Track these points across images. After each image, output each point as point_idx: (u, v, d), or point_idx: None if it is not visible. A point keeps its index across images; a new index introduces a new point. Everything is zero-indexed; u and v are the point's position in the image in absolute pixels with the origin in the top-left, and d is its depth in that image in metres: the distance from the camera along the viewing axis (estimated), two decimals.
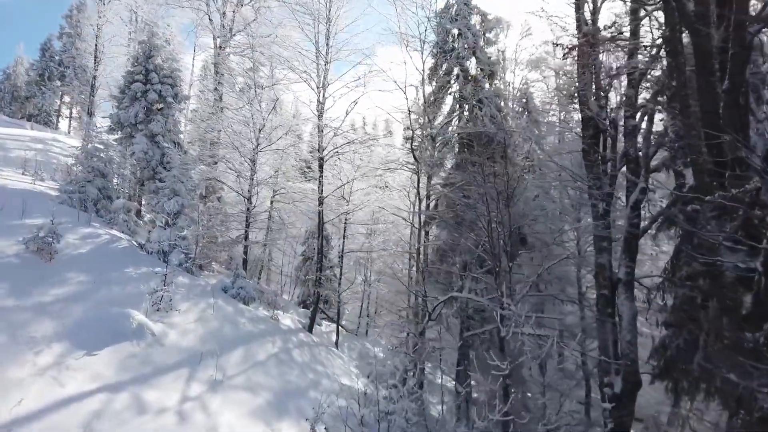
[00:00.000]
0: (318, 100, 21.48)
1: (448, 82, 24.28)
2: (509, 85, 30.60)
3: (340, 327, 24.97)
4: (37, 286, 11.93)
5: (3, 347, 9.10)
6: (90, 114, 33.77)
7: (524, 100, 29.86)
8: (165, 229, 17.77)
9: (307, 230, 27.42)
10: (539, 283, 14.68)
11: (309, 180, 26.43)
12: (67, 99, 67.28)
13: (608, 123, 16.58)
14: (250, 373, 13.15)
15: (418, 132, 22.50)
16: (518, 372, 14.67)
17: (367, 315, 27.22)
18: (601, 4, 17.62)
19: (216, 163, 26.00)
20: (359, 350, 23.16)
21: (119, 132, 23.83)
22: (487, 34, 24.80)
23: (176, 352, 11.66)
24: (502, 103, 24.87)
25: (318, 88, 21.44)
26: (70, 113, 67.65)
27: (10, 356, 8.95)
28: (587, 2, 18.09)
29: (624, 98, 16.67)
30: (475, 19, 25.10)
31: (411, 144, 20.83)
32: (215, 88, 26.69)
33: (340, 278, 23.51)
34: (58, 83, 65.51)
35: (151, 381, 10.38)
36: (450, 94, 24.45)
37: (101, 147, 20.55)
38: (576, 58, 17.52)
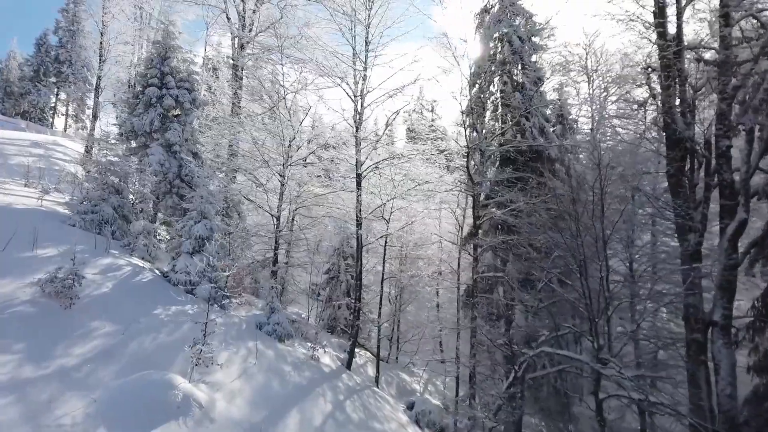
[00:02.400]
0: (355, 110, 19.42)
1: (491, 90, 22.27)
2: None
3: (369, 352, 23.03)
4: (58, 342, 9.92)
5: None
6: (95, 117, 31.54)
7: (558, 107, 27.94)
8: (192, 256, 15.74)
9: (333, 247, 25.39)
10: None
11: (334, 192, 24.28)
12: (63, 96, 64.82)
13: (702, 143, 14.70)
14: None
15: (462, 143, 20.47)
16: None
17: (397, 339, 25.24)
18: (686, 5, 15.73)
19: (235, 176, 23.92)
20: (396, 384, 21.24)
21: (132, 141, 21.69)
22: (534, 38, 22.78)
23: (229, 428, 9.65)
24: (548, 112, 22.86)
25: (355, 96, 19.37)
26: (66, 111, 65.10)
27: None
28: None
29: (716, 115, 14.76)
30: (519, 21, 23.12)
31: (468, 162, 18.76)
32: (234, 93, 24.56)
33: (380, 307, 21.41)
34: (54, 80, 63.16)
35: None
36: (492, 103, 22.46)
37: (116, 160, 18.46)
38: (660, 70, 15.63)
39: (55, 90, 63.40)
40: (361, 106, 19.38)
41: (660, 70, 15.54)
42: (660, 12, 15.64)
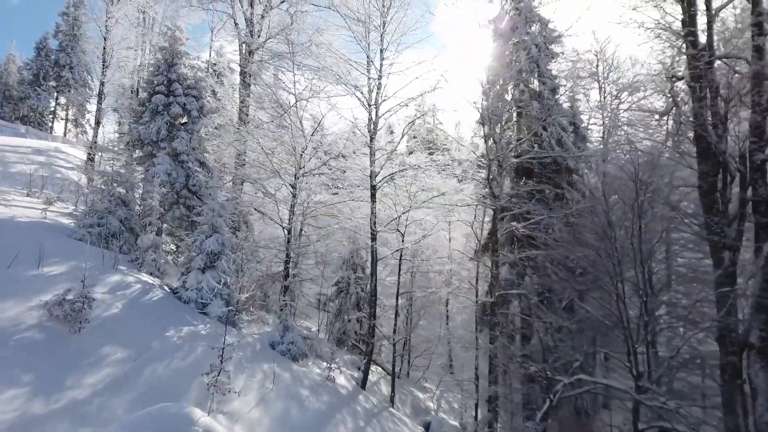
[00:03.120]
0: (369, 119, 18.83)
1: (507, 99, 21.67)
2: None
3: (381, 367, 22.36)
4: (68, 372, 9.29)
5: None
6: (97, 123, 30.89)
7: (571, 115, 27.32)
8: (203, 272, 15.12)
9: (343, 258, 24.72)
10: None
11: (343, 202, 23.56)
12: (62, 101, 64.16)
13: (737, 157, 14.11)
14: None
15: (478, 153, 19.88)
16: None
17: (408, 353, 24.57)
18: (716, 12, 15.17)
19: (242, 185, 23.28)
20: (411, 402, 20.58)
21: (139, 150, 21.04)
22: (551, 46, 22.23)
23: None
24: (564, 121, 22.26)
25: (369, 105, 18.78)
26: (66, 116, 64.40)
27: None
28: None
29: (750, 128, 14.18)
30: (535, 28, 22.57)
31: (488, 174, 18.13)
32: (242, 100, 23.95)
33: (396, 323, 20.70)
34: (54, 84, 62.54)
35: None
36: (508, 112, 21.85)
37: (122, 171, 17.84)
38: (690, 80, 15.06)
39: (55, 94, 62.77)
40: (376, 115, 18.81)
41: (690, 81, 14.95)
42: (690, 20, 15.09)
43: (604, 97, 29.01)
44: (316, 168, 20.00)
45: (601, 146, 27.01)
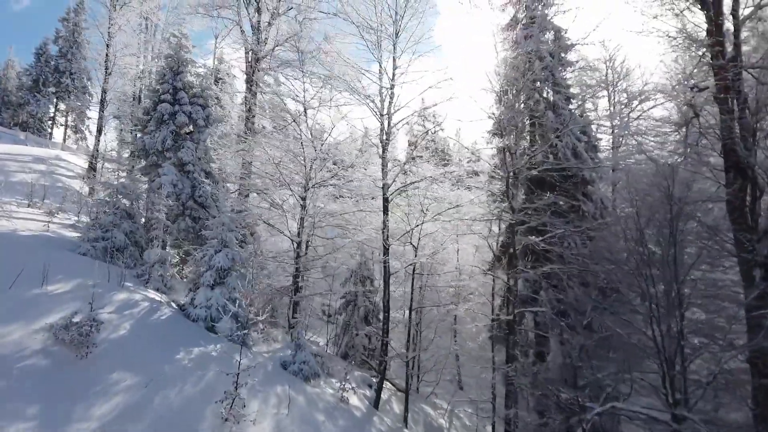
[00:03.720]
0: (381, 129, 18.30)
1: (520, 109, 21.13)
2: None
3: (390, 383, 21.73)
4: (76, 403, 8.73)
5: None
6: (99, 131, 30.35)
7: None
8: (212, 289, 14.56)
9: (350, 269, 24.09)
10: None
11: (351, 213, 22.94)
12: (62, 107, 63.66)
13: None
14: None
15: (492, 164, 19.32)
16: None
17: (418, 368, 23.94)
18: (743, 21, 14.70)
19: (247, 196, 22.73)
20: (423, 421, 19.95)
21: (143, 160, 20.50)
22: (564, 55, 21.77)
23: None
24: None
25: (381, 114, 18.27)
26: (66, 122, 63.86)
27: None
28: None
29: None
30: (548, 36, 22.11)
31: (507, 188, 17.53)
32: (249, 108, 23.44)
33: (408, 341, 20.01)
34: (53, 90, 62.06)
35: None
36: (522, 122, 21.31)
37: (128, 183, 17.32)
38: (716, 91, 14.57)
39: (55, 100, 62.27)
40: (388, 124, 18.28)
41: (717, 92, 14.45)
42: (717, 30, 14.59)
43: (614, 106, 28.61)
44: (326, 179, 19.44)
45: (610, 155, 26.58)
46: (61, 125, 64.33)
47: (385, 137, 18.16)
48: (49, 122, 63.47)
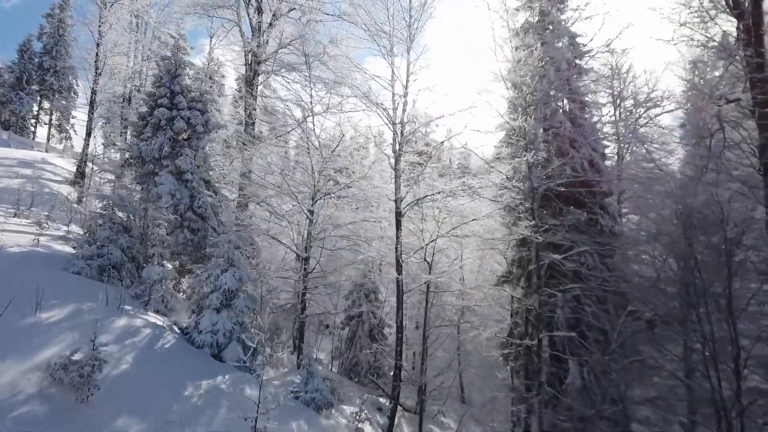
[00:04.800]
0: (394, 139, 17.36)
1: (534, 117, 20.23)
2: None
3: (402, 407, 20.70)
4: None
5: None
6: (88, 134, 28.98)
7: None
8: (218, 312, 13.52)
9: (354, 282, 23.08)
10: None
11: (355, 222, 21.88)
12: (46, 105, 61.82)
13: None
14: None
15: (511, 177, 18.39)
16: None
17: (424, 386, 22.96)
18: None
19: (246, 206, 21.63)
20: None
21: (139, 168, 19.35)
22: (578, 61, 20.97)
23: None
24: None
25: (394, 124, 17.32)
26: (50, 121, 61.95)
27: None
28: None
29: None
30: (562, 43, 21.29)
31: (532, 205, 16.59)
32: (249, 114, 22.34)
33: (423, 364, 18.98)
34: (37, 88, 60.23)
35: None
36: (534, 130, 20.42)
37: (125, 194, 16.20)
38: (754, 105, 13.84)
39: (38, 98, 60.44)
40: (401, 134, 17.32)
41: (756, 107, 13.71)
42: (756, 41, 13.86)
43: (619, 113, 27.89)
44: (335, 190, 18.41)
45: (615, 164, 25.88)
46: (45, 124, 62.46)
47: (398, 147, 17.22)
48: (33, 121, 61.68)
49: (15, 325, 10.10)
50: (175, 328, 13.72)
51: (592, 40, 19.65)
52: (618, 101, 28.29)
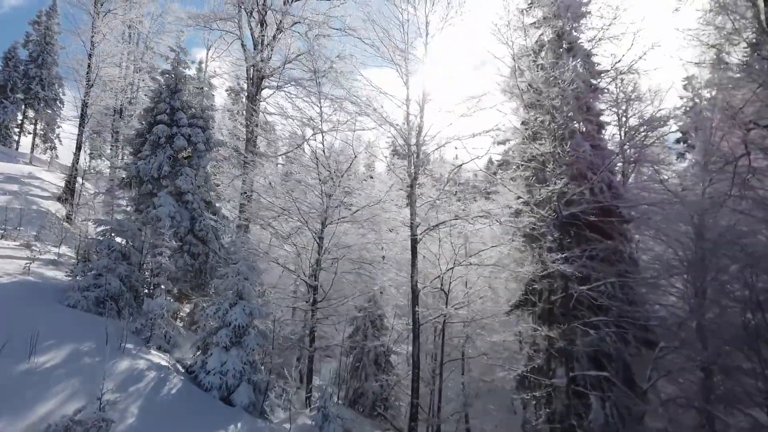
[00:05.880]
0: (409, 161, 16.49)
1: (550, 140, 19.46)
2: None
3: None
4: None
5: None
6: (79, 148, 27.73)
7: None
8: (227, 350, 12.48)
9: (358, 307, 22.01)
10: None
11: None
12: (30, 114, 60.22)
13: None
14: None
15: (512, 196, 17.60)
16: None
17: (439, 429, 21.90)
18: None
19: (247, 228, 20.60)
20: None
21: (136, 188, 18.28)
22: (595, 81, 20.32)
23: None
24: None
25: (409, 145, 16.47)
26: (35, 130, 60.32)
27: None
28: None
29: None
30: (577, 63, 20.56)
31: (562, 236, 15.76)
32: (252, 130, 21.38)
33: (440, 400, 17.88)
34: (22, 96, 58.67)
35: None
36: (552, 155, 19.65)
37: (124, 220, 15.14)
38: None
39: (23, 107, 58.88)
40: (417, 156, 16.45)
41: None
42: None
43: (624, 132, 27.32)
44: (347, 216, 17.45)
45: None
46: (29, 133, 60.84)
47: (413, 170, 16.35)
48: (17, 130, 60.03)
49: (8, 374, 9.09)
50: (180, 367, 12.65)
51: (620, 60, 18.58)
52: (623, 120, 27.83)
